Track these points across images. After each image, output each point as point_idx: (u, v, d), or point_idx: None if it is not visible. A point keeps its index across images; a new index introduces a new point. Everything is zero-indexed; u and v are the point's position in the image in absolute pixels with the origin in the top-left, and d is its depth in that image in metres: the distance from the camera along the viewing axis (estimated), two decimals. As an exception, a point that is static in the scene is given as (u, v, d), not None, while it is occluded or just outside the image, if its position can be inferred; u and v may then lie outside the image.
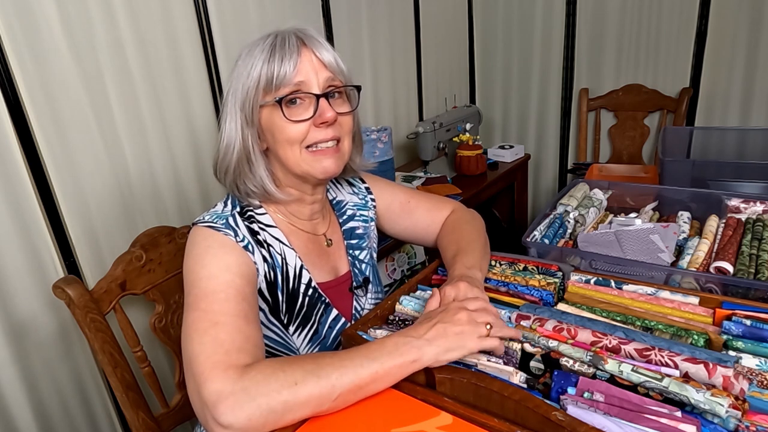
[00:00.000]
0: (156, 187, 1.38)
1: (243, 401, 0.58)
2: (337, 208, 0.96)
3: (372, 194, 1.01)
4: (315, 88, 0.76)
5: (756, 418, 0.55)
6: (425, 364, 0.63)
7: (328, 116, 0.76)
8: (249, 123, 0.77)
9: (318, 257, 0.88)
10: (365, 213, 0.99)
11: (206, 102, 1.47)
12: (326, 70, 0.77)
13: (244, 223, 0.80)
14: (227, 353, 0.63)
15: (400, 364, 0.62)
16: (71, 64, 1.17)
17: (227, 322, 0.66)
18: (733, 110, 2.12)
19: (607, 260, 0.95)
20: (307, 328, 0.84)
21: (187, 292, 0.72)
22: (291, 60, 0.74)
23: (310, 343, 0.85)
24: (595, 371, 0.62)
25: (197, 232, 0.77)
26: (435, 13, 2.38)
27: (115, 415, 1.37)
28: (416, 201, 1.02)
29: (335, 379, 0.60)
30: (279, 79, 0.74)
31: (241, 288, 0.72)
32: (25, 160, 1.12)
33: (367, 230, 0.98)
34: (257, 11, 1.58)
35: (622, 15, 2.27)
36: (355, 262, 0.93)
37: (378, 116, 2.17)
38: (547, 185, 2.70)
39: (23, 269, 1.13)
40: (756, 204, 1.06)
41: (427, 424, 0.59)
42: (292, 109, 0.76)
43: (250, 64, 0.76)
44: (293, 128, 0.75)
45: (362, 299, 0.92)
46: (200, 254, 0.74)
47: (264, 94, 0.76)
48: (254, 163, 0.79)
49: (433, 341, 0.63)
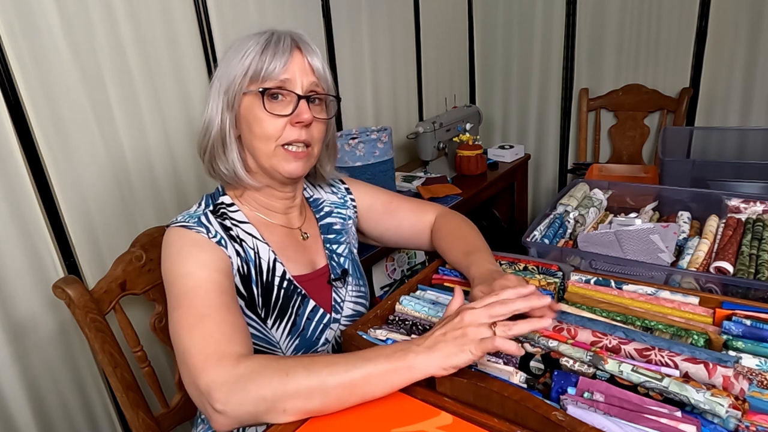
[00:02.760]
0: (156, 187, 1.38)
1: (236, 389, 0.61)
2: (314, 205, 0.98)
3: (352, 194, 1.02)
4: (298, 88, 0.79)
5: (756, 418, 0.55)
6: (426, 372, 0.60)
7: (305, 117, 0.78)
8: (229, 107, 0.80)
9: (294, 251, 0.89)
10: (343, 211, 1.00)
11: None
12: (312, 75, 0.80)
13: (217, 220, 0.82)
14: (218, 343, 0.66)
15: (396, 368, 0.60)
16: (71, 64, 1.17)
17: (212, 314, 0.69)
18: (733, 110, 2.12)
19: (607, 260, 0.95)
20: (285, 320, 0.84)
21: (168, 292, 0.75)
22: (282, 57, 0.77)
23: (290, 336, 0.85)
24: (595, 371, 0.62)
25: (170, 233, 0.80)
26: (435, 13, 2.38)
27: (115, 415, 1.37)
28: (398, 202, 1.04)
29: (326, 375, 0.60)
30: (267, 72, 0.77)
31: (219, 281, 0.74)
32: (25, 160, 1.12)
33: (345, 227, 0.99)
34: (257, 11, 1.58)
35: (622, 15, 2.27)
36: (333, 255, 0.93)
37: (378, 116, 2.17)
38: (547, 185, 2.70)
39: (23, 269, 1.13)
40: (756, 204, 1.06)
41: (427, 424, 0.58)
42: (273, 103, 0.78)
43: (241, 53, 0.78)
44: (270, 123, 0.78)
45: (342, 291, 0.92)
46: (175, 254, 0.76)
47: (249, 83, 0.78)
48: (228, 147, 0.82)
49: (432, 348, 0.61)
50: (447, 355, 0.60)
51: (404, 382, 0.61)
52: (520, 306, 0.63)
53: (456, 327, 0.62)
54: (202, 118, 0.83)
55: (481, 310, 0.62)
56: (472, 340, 0.60)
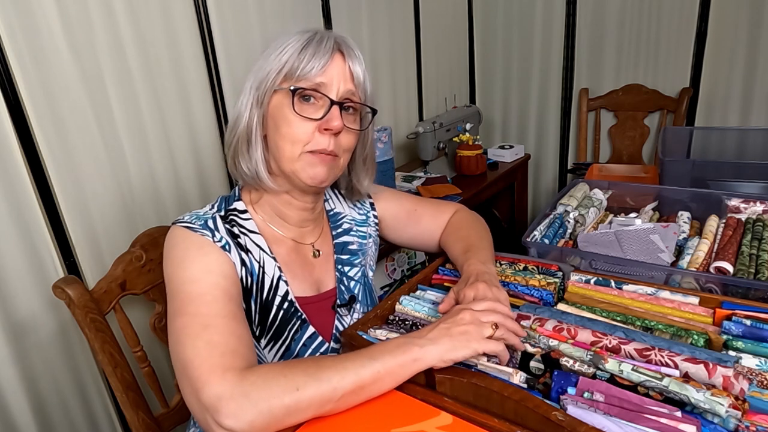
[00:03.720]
0: (156, 187, 1.38)
1: (245, 406, 0.58)
2: (333, 219, 0.93)
3: (375, 210, 0.98)
4: (333, 93, 0.75)
5: (756, 418, 0.55)
6: (429, 363, 0.62)
7: (335, 125, 0.74)
8: (258, 104, 0.76)
9: (300, 268, 0.84)
10: (363, 229, 0.95)
11: (206, 102, 1.47)
12: (351, 83, 0.76)
13: (225, 226, 0.78)
14: (223, 355, 0.62)
15: (402, 363, 0.61)
16: (71, 64, 1.17)
17: (218, 324, 0.66)
18: (733, 110, 2.12)
19: (607, 260, 0.95)
20: (279, 343, 0.80)
21: (171, 297, 0.71)
22: (322, 58, 0.73)
23: (282, 360, 0.81)
24: (595, 371, 0.62)
25: (174, 232, 0.76)
26: (435, 13, 2.38)
27: (115, 415, 1.37)
28: (422, 209, 1.00)
29: (336, 382, 0.59)
30: (303, 71, 0.73)
31: (226, 288, 0.71)
32: (25, 161, 1.12)
33: (363, 247, 0.94)
34: (257, 11, 1.57)
35: (622, 15, 2.27)
36: (343, 278, 0.88)
37: (378, 116, 2.16)
38: (547, 185, 2.70)
39: (23, 269, 1.13)
40: (756, 204, 1.06)
41: (427, 424, 0.58)
42: (304, 105, 0.74)
43: (280, 49, 0.74)
44: (299, 125, 0.74)
45: (346, 318, 0.87)
46: (179, 257, 0.73)
47: (283, 80, 0.74)
48: (253, 145, 0.78)
49: (436, 340, 0.62)
50: (451, 348, 0.62)
51: (409, 375, 0.62)
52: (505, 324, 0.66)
53: (459, 323, 0.64)
54: (233, 112, 0.80)
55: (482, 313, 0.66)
56: (476, 338, 0.62)
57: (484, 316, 0.65)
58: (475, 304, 0.67)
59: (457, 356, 0.62)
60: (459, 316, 0.65)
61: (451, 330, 0.63)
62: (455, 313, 0.66)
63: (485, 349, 0.62)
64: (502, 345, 0.64)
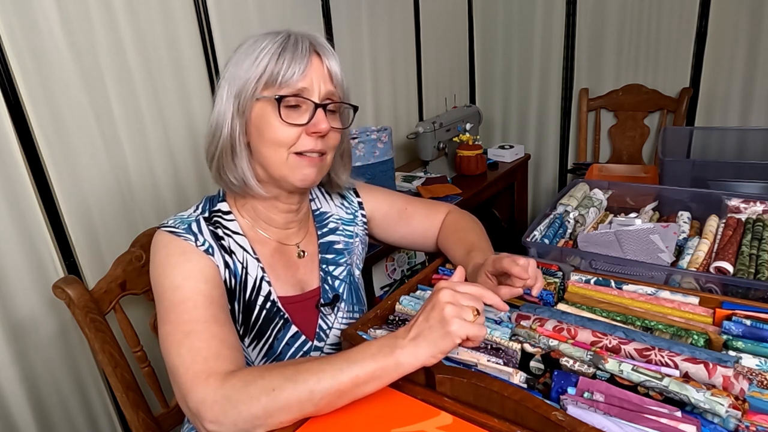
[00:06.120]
0: (156, 187, 1.38)
1: (226, 409, 0.61)
2: (318, 219, 0.93)
3: (364, 209, 0.98)
4: (315, 96, 0.75)
5: (756, 418, 0.55)
6: (413, 365, 0.59)
7: (322, 128, 0.75)
8: (240, 113, 0.75)
9: (284, 269, 0.85)
10: (350, 228, 0.95)
11: (206, 102, 1.47)
12: (330, 83, 0.77)
13: (209, 228, 0.79)
14: (206, 361, 0.64)
15: (382, 366, 0.59)
16: (71, 64, 1.17)
17: (200, 330, 0.67)
18: (733, 110, 2.12)
19: (607, 260, 0.95)
20: (262, 342, 0.81)
21: (157, 303, 0.73)
22: (301, 63, 0.73)
23: (265, 358, 0.82)
24: (595, 371, 0.62)
25: (158, 237, 0.77)
26: (435, 13, 2.38)
27: (115, 415, 1.37)
28: (413, 207, 1.01)
29: (313, 384, 0.59)
30: (284, 78, 0.72)
31: (207, 293, 0.71)
32: (25, 160, 1.12)
33: (349, 246, 0.94)
34: (257, 11, 1.58)
35: (622, 15, 2.27)
36: (328, 277, 0.89)
37: (378, 116, 2.17)
38: (547, 185, 2.70)
39: (23, 269, 1.13)
40: (756, 204, 1.06)
41: (427, 424, 0.59)
42: (289, 111, 0.74)
43: (255, 55, 0.73)
44: (285, 131, 0.74)
45: (330, 317, 0.87)
46: (162, 263, 0.74)
47: (264, 89, 0.74)
48: (238, 155, 0.77)
49: (417, 339, 0.59)
50: (432, 342, 0.58)
51: (393, 379, 0.60)
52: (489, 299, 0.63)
53: (435, 307, 0.60)
54: (209, 122, 0.78)
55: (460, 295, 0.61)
56: (453, 321, 0.58)
57: (464, 299, 0.60)
58: (458, 285, 0.62)
59: (441, 349, 0.59)
60: (434, 299, 0.61)
61: (430, 321, 0.59)
62: (435, 293, 0.61)
63: (467, 333, 0.58)
64: (484, 329, 0.59)
